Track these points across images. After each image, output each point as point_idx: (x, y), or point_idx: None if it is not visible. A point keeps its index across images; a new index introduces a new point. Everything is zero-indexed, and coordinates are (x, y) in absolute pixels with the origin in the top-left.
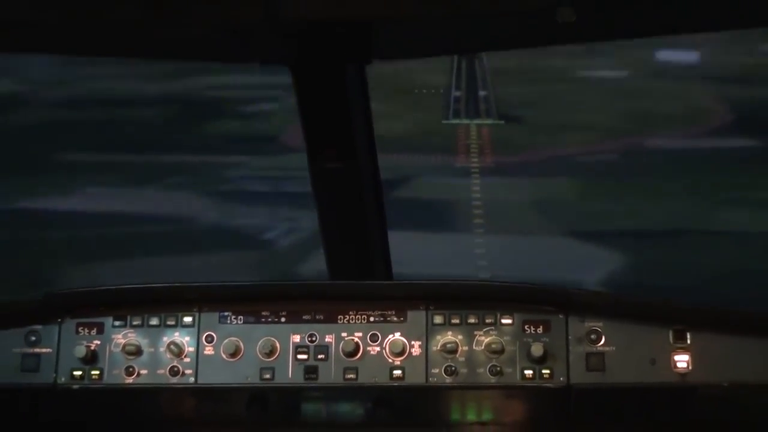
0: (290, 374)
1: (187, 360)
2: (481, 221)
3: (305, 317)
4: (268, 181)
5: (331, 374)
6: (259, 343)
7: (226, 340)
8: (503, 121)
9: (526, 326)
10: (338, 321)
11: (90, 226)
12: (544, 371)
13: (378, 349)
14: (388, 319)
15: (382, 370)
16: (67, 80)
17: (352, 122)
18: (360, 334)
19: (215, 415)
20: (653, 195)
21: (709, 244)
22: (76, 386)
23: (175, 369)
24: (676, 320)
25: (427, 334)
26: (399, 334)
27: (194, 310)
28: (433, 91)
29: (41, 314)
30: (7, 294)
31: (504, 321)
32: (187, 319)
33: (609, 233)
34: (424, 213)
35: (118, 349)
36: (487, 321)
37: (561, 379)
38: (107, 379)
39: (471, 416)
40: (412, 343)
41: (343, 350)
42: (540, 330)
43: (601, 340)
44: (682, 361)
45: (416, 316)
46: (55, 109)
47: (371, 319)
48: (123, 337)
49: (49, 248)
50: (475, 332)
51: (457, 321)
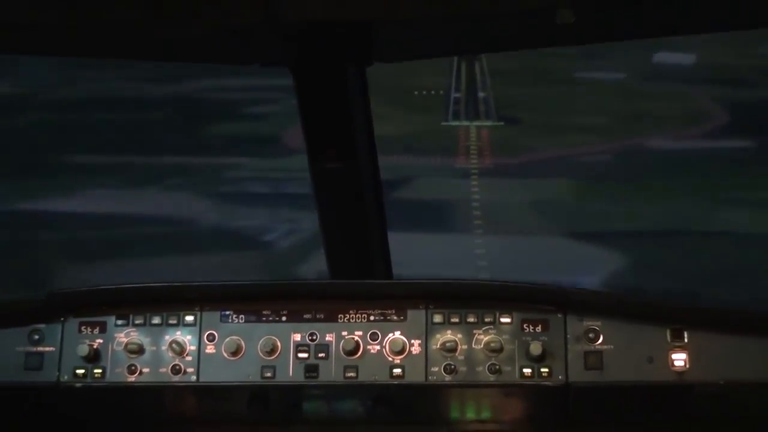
0: (291, 373)
1: (189, 358)
2: (481, 222)
3: (306, 316)
4: (268, 183)
5: (331, 373)
6: (260, 342)
7: (228, 339)
8: (503, 123)
9: (525, 325)
10: (338, 320)
11: (91, 227)
12: (542, 370)
13: (378, 347)
14: (388, 318)
15: (382, 369)
16: (68, 82)
17: (353, 123)
18: (360, 333)
19: (216, 413)
20: (652, 196)
21: (708, 245)
22: (78, 384)
23: (177, 367)
24: (673, 319)
25: (427, 333)
26: (399, 332)
27: (196, 309)
28: (433, 92)
29: (44, 313)
30: (8, 295)
31: (503, 320)
32: (189, 318)
33: (608, 234)
34: (424, 214)
35: (121, 348)
36: (486, 320)
37: (559, 377)
38: (110, 378)
39: (470, 414)
40: (412, 341)
41: (343, 349)
42: (539, 329)
43: (599, 339)
44: (680, 359)
45: (416, 315)
46: (56, 111)
47: (371, 318)
48: (125, 336)
49: (50, 249)
50: (475, 331)
51: (457, 320)
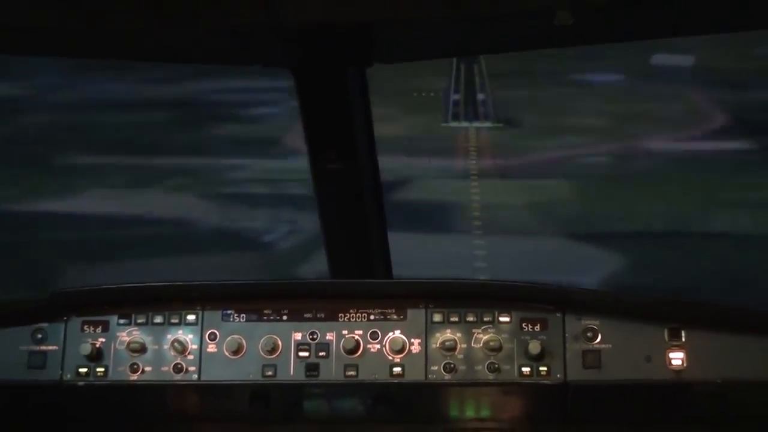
0: (292, 371)
1: (191, 357)
2: (480, 223)
3: (306, 315)
4: (268, 184)
5: (332, 371)
6: (262, 341)
7: (229, 338)
8: (501, 124)
9: (524, 324)
10: (339, 319)
11: (92, 228)
12: (541, 368)
13: (378, 346)
14: (388, 317)
15: (382, 368)
16: (70, 84)
17: (353, 124)
18: (360, 332)
19: (218, 412)
20: (650, 197)
21: (707, 246)
22: (81, 383)
23: (179, 366)
24: (671, 318)
25: (427, 332)
26: (399, 331)
27: (197, 309)
28: (432, 94)
29: (47, 313)
30: (9, 295)
31: (502, 319)
32: (191, 318)
33: (607, 235)
34: (424, 215)
35: (123, 347)
36: (486, 319)
37: (558, 376)
38: (112, 376)
39: (469, 413)
40: (412, 340)
41: (343, 348)
42: (537, 328)
43: (597, 338)
44: (677, 358)
45: (416, 315)
46: (58, 112)
47: (371, 318)
48: (127, 335)
49: (51, 250)
50: (474, 330)
51: (456, 319)
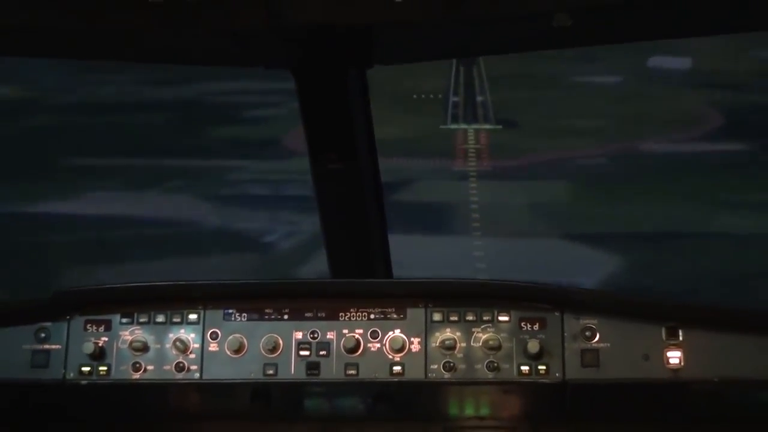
0: (293, 370)
1: (193, 356)
2: (479, 224)
3: (307, 314)
4: (268, 185)
5: (332, 370)
6: (263, 340)
7: (230, 337)
8: (501, 126)
9: (523, 323)
10: (339, 318)
11: (93, 230)
12: (540, 367)
13: (378, 345)
14: (388, 316)
15: (383, 366)
16: (71, 86)
17: (353, 125)
18: (361, 331)
19: (219, 410)
20: (649, 198)
21: (706, 247)
22: (84, 382)
23: (181, 365)
24: (668, 318)
25: (426, 331)
26: (399, 331)
27: (199, 308)
28: (432, 96)
29: (51, 312)
30: (10, 296)
31: (501, 318)
32: (193, 317)
33: (605, 236)
34: (424, 216)
35: (125, 346)
36: (485, 318)
37: (557, 374)
38: (115, 375)
39: (469, 411)
40: (412, 339)
41: (344, 347)
42: (536, 327)
43: (595, 337)
44: (675, 357)
45: (416, 314)
46: (58, 114)
47: (372, 317)
48: (130, 334)
49: (52, 251)
50: (473, 329)
51: (456, 318)
